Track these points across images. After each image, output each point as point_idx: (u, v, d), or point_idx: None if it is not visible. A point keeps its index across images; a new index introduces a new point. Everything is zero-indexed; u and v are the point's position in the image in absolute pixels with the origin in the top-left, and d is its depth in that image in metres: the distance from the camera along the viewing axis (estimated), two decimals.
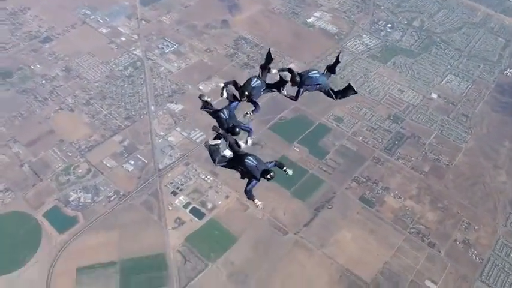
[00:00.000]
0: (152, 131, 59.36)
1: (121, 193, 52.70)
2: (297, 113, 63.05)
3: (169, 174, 54.80)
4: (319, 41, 76.49)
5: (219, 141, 15.80)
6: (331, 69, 17.67)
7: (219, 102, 16.40)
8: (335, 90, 17.36)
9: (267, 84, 17.51)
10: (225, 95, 16.56)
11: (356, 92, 17.53)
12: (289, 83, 17.38)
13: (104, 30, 75.80)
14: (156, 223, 50.16)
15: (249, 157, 15.68)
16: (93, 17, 78.06)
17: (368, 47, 76.15)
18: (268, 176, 15.40)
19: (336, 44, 75.82)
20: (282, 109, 62.88)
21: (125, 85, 66.23)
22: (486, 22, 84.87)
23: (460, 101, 68.05)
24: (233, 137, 16.11)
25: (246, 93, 16.37)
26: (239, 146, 16.06)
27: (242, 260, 45.84)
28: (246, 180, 16.03)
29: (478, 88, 70.65)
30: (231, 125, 16.23)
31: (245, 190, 15.65)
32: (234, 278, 45.29)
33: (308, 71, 17.35)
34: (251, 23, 78.55)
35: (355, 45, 76.25)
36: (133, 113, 61.92)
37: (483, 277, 47.88)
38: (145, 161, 55.97)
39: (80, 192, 52.64)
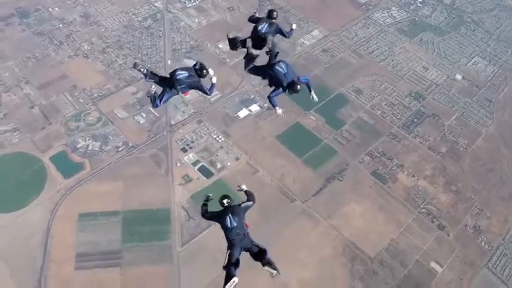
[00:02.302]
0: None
1: (130, 144, 51.77)
2: (316, 81, 61.07)
3: (181, 131, 53.72)
4: (346, 10, 73.97)
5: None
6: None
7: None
8: None
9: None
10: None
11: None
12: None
13: None
14: (162, 178, 49.34)
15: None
16: None
17: (396, 20, 73.50)
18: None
19: (363, 14, 73.45)
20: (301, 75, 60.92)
21: (143, 37, 64.62)
22: None
23: (484, 84, 65.73)
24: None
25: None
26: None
27: (250, 228, 44.88)
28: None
29: (504, 73, 68.07)
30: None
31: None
32: None
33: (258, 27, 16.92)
34: None
35: (382, 17, 73.68)
36: (149, 65, 60.25)
37: (490, 265, 46.70)
38: (157, 115, 54.80)
39: (89, 139, 51.77)
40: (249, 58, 17.23)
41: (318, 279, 43.63)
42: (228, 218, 13.93)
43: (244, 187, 15.36)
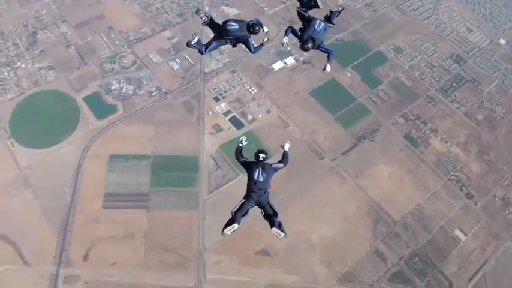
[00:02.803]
0: (202, 32, 57.21)
1: (163, 90, 51.91)
2: (355, 37, 59.88)
3: (214, 80, 53.47)
4: None
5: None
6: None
7: None
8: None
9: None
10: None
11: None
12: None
13: None
14: (193, 125, 49.60)
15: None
16: None
17: None
18: (257, 29, 15.39)
19: None
20: (340, 30, 59.51)
21: None
22: None
23: None
24: None
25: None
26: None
27: (273, 177, 45.06)
28: None
29: None
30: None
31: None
32: None
33: (313, 27, 15.98)
34: None
35: None
36: (186, 10, 59.67)
37: None
38: (192, 62, 54.50)
39: (123, 82, 52.05)
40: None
41: (340, 237, 43.98)
42: (258, 171, 14.26)
43: (287, 146, 15.57)
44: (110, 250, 41.57)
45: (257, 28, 15.32)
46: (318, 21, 15.78)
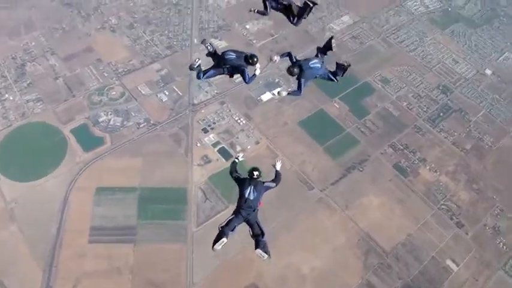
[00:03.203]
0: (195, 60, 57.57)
1: (151, 122, 51.82)
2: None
3: (203, 111, 53.51)
4: None
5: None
6: (323, 51, 17.04)
7: None
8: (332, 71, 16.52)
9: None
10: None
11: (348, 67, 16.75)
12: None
13: None
14: (181, 157, 49.32)
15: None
16: None
17: (429, 9, 71.71)
18: (255, 60, 15.45)
19: (396, 2, 71.70)
20: (328, 61, 59.98)
21: (171, 13, 64.27)
22: None
23: None
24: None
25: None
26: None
27: (262, 207, 44.56)
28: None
29: None
30: None
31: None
32: None
33: (309, 60, 16.35)
34: None
35: (415, 5, 71.90)
36: (175, 43, 60.27)
37: (507, 267, 45.81)
38: (181, 94, 54.67)
39: (111, 114, 51.95)
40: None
41: (331, 268, 43.37)
42: (249, 188, 14.35)
43: (278, 166, 15.63)
44: (96, 286, 40.66)
45: (255, 59, 15.52)
46: (315, 59, 16.25)
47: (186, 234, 44.22)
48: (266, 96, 55.39)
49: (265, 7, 17.26)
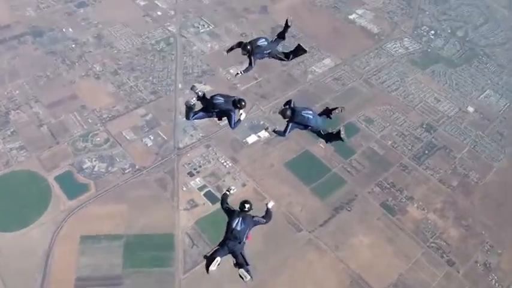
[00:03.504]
0: (177, 108, 57.84)
1: (136, 167, 51.32)
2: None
3: (188, 155, 53.24)
4: (359, 39, 73.95)
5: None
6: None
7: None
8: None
9: (274, 49, 18.04)
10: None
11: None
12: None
13: (141, 3, 74.33)
14: (167, 202, 48.68)
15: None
16: None
17: (408, 51, 73.21)
18: (243, 104, 15.92)
19: (376, 44, 73.36)
20: (311, 103, 60.66)
21: (155, 59, 64.84)
22: None
23: (496, 118, 64.90)
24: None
25: (248, 47, 17.14)
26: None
27: (251, 251, 43.10)
28: None
29: None
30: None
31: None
32: None
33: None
34: (291, 13, 75.49)
35: (395, 47, 73.42)
36: (159, 88, 60.54)
37: None
38: (166, 138, 54.50)
39: (95, 160, 51.41)
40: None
41: None
42: (237, 220, 14.41)
43: (270, 205, 15.66)
44: None
45: (243, 103, 15.97)
46: (310, 111, 16.82)
47: (173, 281, 43.11)
48: (252, 139, 55.40)
49: (250, 63, 17.75)
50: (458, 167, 57.06)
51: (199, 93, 16.54)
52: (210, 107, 16.19)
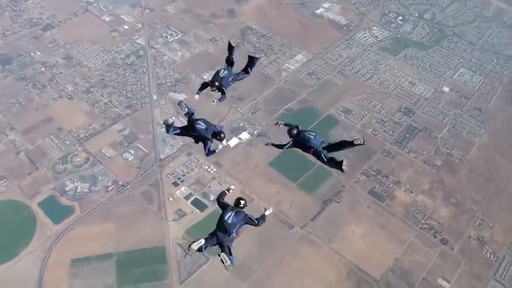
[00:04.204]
0: (154, 120, 57.23)
1: (120, 183, 50.54)
2: (304, 104, 60.95)
3: (171, 165, 52.61)
4: (328, 32, 74.24)
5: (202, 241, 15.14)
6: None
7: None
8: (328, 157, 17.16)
9: (234, 74, 18.86)
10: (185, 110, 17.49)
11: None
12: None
13: (107, 19, 73.77)
14: (155, 215, 48.01)
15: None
16: (95, 4, 76.12)
17: (378, 39, 73.72)
18: (222, 136, 16.46)
19: (345, 36, 73.63)
20: (288, 100, 60.98)
21: (127, 73, 64.15)
22: (499, 16, 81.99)
23: (473, 94, 65.54)
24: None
25: (216, 83, 18.07)
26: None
27: (245, 254, 43.34)
28: None
29: (491, 82, 68.07)
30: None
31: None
32: (236, 273, 43.02)
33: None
34: (258, 13, 76.44)
35: (364, 37, 73.85)
36: (134, 101, 59.85)
37: (498, 276, 45.37)
38: (146, 151, 53.84)
39: (77, 181, 50.52)
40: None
41: None
42: (230, 213, 14.83)
43: (268, 212, 16.15)
44: None
45: (222, 136, 16.46)
46: (314, 134, 17.48)
47: None
48: (233, 142, 54.94)
49: (223, 93, 18.59)
50: (441, 146, 57.38)
51: (185, 110, 17.19)
52: (190, 129, 16.66)
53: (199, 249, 14.38)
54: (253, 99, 60.57)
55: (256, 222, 15.32)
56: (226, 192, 16.32)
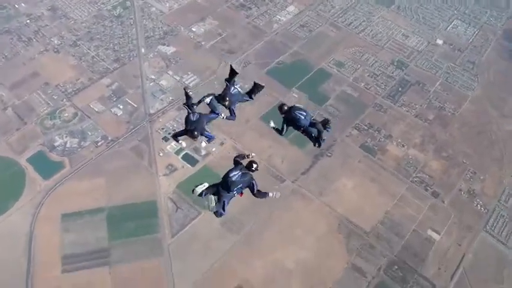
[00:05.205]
0: (142, 74, 56.10)
1: (109, 138, 49.91)
2: (296, 58, 59.92)
3: (161, 120, 51.90)
4: None
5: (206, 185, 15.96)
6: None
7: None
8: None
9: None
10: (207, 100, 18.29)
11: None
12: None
13: None
14: (146, 170, 47.66)
15: (230, 174, 15.69)
16: None
17: None
18: (255, 166, 16.05)
19: None
20: (280, 53, 59.90)
21: (114, 26, 62.35)
22: None
23: (466, 47, 64.73)
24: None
25: (226, 102, 18.28)
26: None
27: (237, 208, 43.14)
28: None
29: (485, 34, 67.17)
30: (193, 127, 17.73)
31: (255, 195, 16.27)
32: (228, 226, 43.24)
33: (301, 109, 18.06)
34: None
35: None
36: (122, 55, 58.41)
37: (488, 227, 45.99)
38: (135, 106, 52.99)
39: (66, 137, 49.82)
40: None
41: (316, 258, 42.56)
42: (237, 172, 15.36)
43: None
44: None
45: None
46: (305, 113, 17.74)
47: (161, 247, 42.59)
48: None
49: (231, 113, 19.10)
50: (433, 100, 56.99)
51: (191, 95, 17.95)
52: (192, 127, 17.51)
53: (201, 194, 14.91)
54: (244, 52, 59.42)
55: (255, 191, 15.70)
56: (246, 156, 16.54)
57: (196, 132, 17.37)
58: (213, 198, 14.96)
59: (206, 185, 14.95)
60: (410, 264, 42.80)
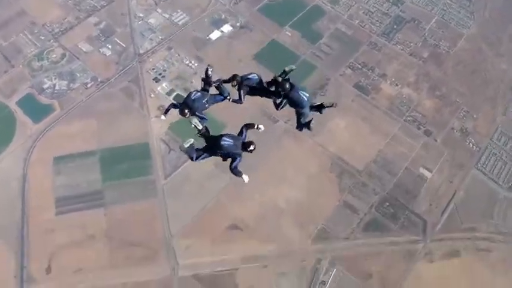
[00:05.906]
0: (131, 12, 54.50)
1: (99, 79, 49.10)
2: None
3: (151, 60, 50.91)
4: None
5: (192, 141, 15.50)
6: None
7: None
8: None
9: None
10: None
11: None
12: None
13: None
14: (137, 111, 47.20)
15: (224, 138, 15.25)
16: None
17: None
18: (251, 148, 15.40)
19: None
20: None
21: None
22: None
23: None
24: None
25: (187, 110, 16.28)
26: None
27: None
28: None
29: None
30: (188, 105, 16.42)
31: (231, 169, 15.45)
32: (220, 167, 43.17)
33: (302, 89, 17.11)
34: None
35: None
36: None
37: (479, 165, 46.32)
38: (124, 45, 51.80)
39: (55, 79, 48.95)
40: None
41: (307, 196, 42.99)
42: (231, 140, 15.25)
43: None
44: (72, 257, 39.28)
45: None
46: (308, 96, 16.87)
47: (155, 188, 42.83)
48: (215, 35, 53.03)
49: (240, 97, 18.03)
50: (428, 38, 55.97)
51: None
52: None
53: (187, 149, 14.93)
54: None
55: (233, 166, 15.40)
56: (254, 127, 16.23)
57: (186, 110, 16.09)
58: (198, 121, 15.08)
59: (192, 140, 14.77)
60: (402, 201, 43.36)
